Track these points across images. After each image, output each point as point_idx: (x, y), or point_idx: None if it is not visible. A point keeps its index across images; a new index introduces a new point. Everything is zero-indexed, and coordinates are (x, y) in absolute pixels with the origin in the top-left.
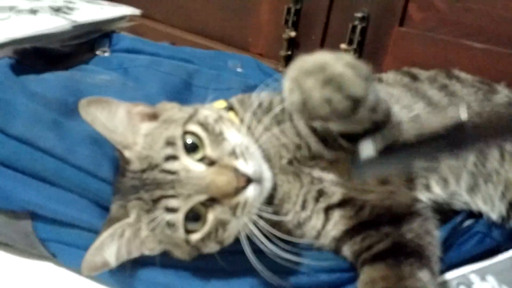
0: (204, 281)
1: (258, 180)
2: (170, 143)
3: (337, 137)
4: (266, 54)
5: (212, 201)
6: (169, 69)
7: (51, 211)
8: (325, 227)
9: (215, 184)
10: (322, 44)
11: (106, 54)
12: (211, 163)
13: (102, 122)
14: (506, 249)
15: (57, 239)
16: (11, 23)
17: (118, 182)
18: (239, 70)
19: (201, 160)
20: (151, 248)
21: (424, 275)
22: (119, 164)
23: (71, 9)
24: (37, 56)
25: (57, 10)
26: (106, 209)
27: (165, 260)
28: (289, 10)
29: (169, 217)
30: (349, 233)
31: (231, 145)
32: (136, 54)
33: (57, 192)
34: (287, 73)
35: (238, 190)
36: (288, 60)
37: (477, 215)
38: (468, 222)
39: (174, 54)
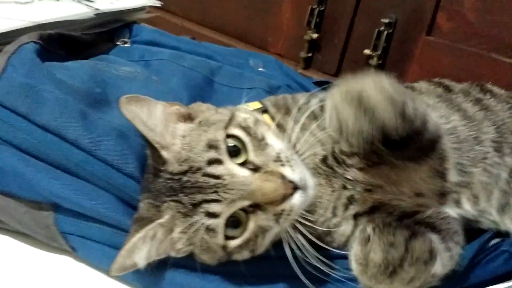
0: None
1: (304, 188)
2: (212, 146)
3: (376, 143)
4: (285, 54)
5: (254, 207)
6: (191, 64)
7: (74, 204)
8: (354, 233)
9: (262, 191)
10: (345, 48)
11: (127, 45)
12: (255, 168)
13: (143, 120)
14: None
15: (78, 233)
16: (34, 8)
17: (149, 181)
18: (261, 69)
19: (243, 164)
20: (179, 249)
21: (434, 237)
22: (146, 160)
23: None
24: (60, 42)
25: None
26: (130, 205)
27: (193, 263)
28: (312, 11)
29: (209, 222)
30: None
31: (275, 151)
32: (157, 47)
33: (81, 184)
34: (330, 95)
35: (285, 197)
36: (308, 62)
37: (503, 234)
38: (494, 241)
39: (195, 49)
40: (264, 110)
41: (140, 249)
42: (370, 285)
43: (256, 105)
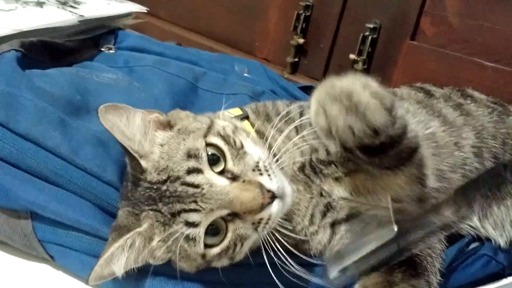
0: None
1: (282, 196)
2: (192, 155)
3: (354, 149)
4: (272, 59)
5: (233, 216)
6: (175, 71)
7: (53, 212)
8: (331, 242)
9: (240, 200)
10: (331, 52)
11: (111, 51)
12: (233, 177)
13: (121, 129)
14: (510, 274)
15: (57, 241)
16: (17, 15)
17: (128, 189)
18: (246, 75)
19: (221, 173)
20: (157, 257)
21: (417, 282)
22: (125, 168)
23: (77, 3)
24: (43, 50)
25: (63, 3)
26: (108, 213)
27: (172, 271)
28: (298, 16)
29: (188, 231)
30: None
31: (253, 160)
32: (142, 53)
33: (59, 193)
34: (314, 94)
35: (263, 207)
36: (294, 66)
37: (482, 239)
38: (474, 245)
39: (180, 55)
40: (245, 117)
41: (118, 258)
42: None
43: (237, 111)
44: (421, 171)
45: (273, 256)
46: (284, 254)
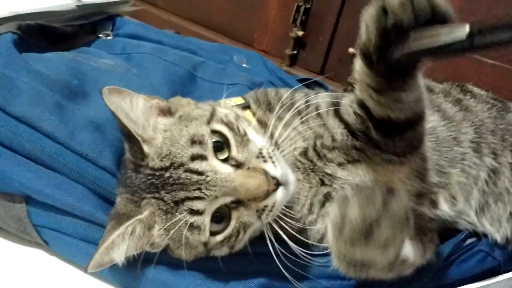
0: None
1: (285, 183)
2: (196, 141)
3: (371, 127)
4: (270, 51)
5: (237, 204)
6: (173, 59)
7: (47, 197)
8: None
9: (246, 187)
10: (330, 46)
11: (109, 38)
12: (237, 164)
13: (126, 112)
14: (506, 270)
15: (52, 226)
16: None
17: (126, 176)
18: (245, 65)
19: (225, 160)
20: (156, 244)
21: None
22: (121, 154)
23: None
24: (40, 33)
25: None
26: (104, 198)
27: (173, 260)
28: (298, 8)
29: (193, 219)
30: None
31: (257, 147)
32: (139, 40)
33: (55, 177)
34: None
35: (268, 194)
36: (293, 59)
37: (479, 235)
38: (470, 240)
39: (179, 44)
40: (246, 106)
41: (119, 246)
42: (344, 252)
43: (239, 100)
44: (422, 166)
45: (276, 244)
46: (289, 241)
